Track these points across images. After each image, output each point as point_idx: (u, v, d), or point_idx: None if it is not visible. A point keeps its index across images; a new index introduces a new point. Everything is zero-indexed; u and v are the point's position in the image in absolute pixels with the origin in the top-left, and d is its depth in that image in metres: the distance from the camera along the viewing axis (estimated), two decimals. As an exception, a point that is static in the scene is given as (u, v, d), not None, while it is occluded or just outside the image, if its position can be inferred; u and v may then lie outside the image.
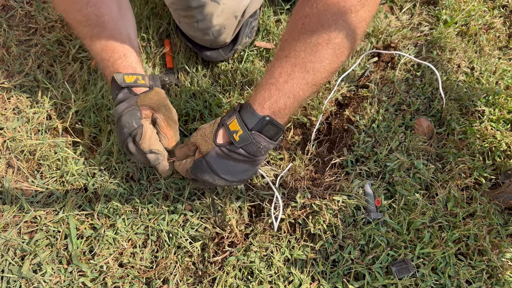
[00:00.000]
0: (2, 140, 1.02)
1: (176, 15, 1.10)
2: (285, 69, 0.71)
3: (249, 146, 0.74)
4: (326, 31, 0.67)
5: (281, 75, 0.71)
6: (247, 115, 0.73)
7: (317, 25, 0.67)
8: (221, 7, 1.03)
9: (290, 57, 0.70)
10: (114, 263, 0.87)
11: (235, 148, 0.74)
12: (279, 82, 0.71)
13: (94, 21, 0.82)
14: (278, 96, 0.72)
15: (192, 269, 0.89)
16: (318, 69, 0.70)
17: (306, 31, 0.68)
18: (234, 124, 0.74)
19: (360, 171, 1.00)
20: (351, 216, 0.92)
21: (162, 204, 0.94)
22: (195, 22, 1.06)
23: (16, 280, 0.84)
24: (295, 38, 0.70)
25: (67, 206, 0.92)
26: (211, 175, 0.77)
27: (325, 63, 0.70)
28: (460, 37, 1.35)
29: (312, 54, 0.69)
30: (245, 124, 0.73)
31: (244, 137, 0.73)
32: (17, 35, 1.24)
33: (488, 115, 1.15)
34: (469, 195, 1.02)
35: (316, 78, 0.71)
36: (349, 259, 0.87)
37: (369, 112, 1.10)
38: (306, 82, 0.71)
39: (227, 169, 0.76)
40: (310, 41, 0.68)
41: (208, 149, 0.76)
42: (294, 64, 0.70)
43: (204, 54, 1.17)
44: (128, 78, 0.84)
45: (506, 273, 0.90)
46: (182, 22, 1.11)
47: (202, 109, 1.09)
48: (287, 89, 0.71)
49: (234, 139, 0.73)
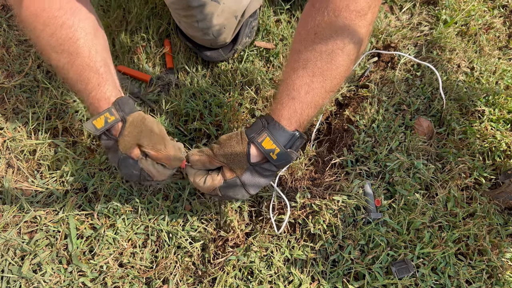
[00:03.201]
0: (2, 140, 1.02)
1: (176, 15, 1.10)
2: (305, 80, 0.71)
3: (283, 162, 0.74)
4: (340, 38, 0.68)
5: (301, 87, 0.71)
6: (278, 132, 0.73)
7: (331, 33, 0.68)
8: (221, 7, 1.03)
9: (307, 68, 0.71)
10: (114, 263, 0.87)
11: (270, 165, 0.74)
12: (301, 94, 0.71)
13: (68, 47, 0.75)
14: (302, 109, 0.72)
15: (192, 269, 0.89)
16: (335, 76, 0.71)
17: (320, 40, 0.69)
18: (267, 142, 0.73)
19: (360, 171, 1.00)
20: (351, 216, 0.92)
21: (162, 204, 0.94)
22: (195, 21, 1.06)
23: (16, 280, 0.84)
24: (309, 49, 0.70)
25: (67, 206, 0.92)
26: (243, 193, 0.77)
27: (341, 69, 0.71)
28: (460, 37, 1.35)
29: (329, 62, 0.70)
30: (277, 141, 0.72)
31: (283, 155, 0.73)
32: (17, 35, 1.24)
33: (488, 115, 1.15)
34: (469, 195, 1.02)
35: (334, 84, 0.72)
36: (349, 259, 0.87)
37: (369, 112, 1.10)
38: (325, 90, 0.72)
39: (257, 185, 0.76)
40: (325, 49, 0.69)
41: (242, 169, 0.75)
42: (313, 74, 0.70)
43: (204, 54, 1.17)
44: (98, 123, 0.77)
45: (506, 273, 0.90)
46: (182, 22, 1.11)
47: (202, 109, 1.09)
48: (309, 100, 0.72)
49: (271, 158, 0.73)
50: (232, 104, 1.09)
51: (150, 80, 1.18)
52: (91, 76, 0.77)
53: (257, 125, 0.75)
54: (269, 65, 1.24)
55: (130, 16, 1.28)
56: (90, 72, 0.77)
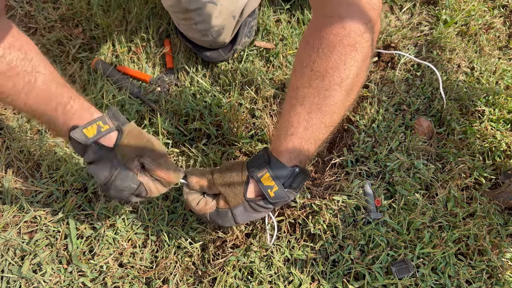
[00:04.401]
0: (2, 140, 1.02)
1: (175, 17, 1.11)
2: (303, 117, 0.71)
3: (280, 201, 0.74)
4: (336, 73, 0.67)
5: (299, 124, 0.72)
6: (278, 168, 0.73)
7: (327, 68, 0.68)
8: (219, 8, 1.03)
9: (305, 105, 0.71)
10: (114, 263, 0.87)
11: (266, 203, 0.74)
12: (299, 131, 0.72)
13: (23, 69, 0.67)
14: (301, 144, 0.72)
15: (192, 269, 0.89)
16: (334, 110, 0.71)
17: (316, 77, 0.69)
18: (266, 178, 0.73)
19: (360, 171, 1.00)
20: (351, 216, 0.92)
21: (162, 204, 0.94)
22: (193, 24, 1.06)
23: (16, 280, 0.84)
24: (306, 85, 0.70)
25: (67, 206, 0.92)
26: (231, 222, 0.76)
27: (339, 104, 0.71)
28: (460, 37, 1.35)
29: (326, 98, 0.69)
30: (278, 178, 0.72)
31: (280, 194, 0.72)
32: (17, 35, 1.24)
33: (488, 115, 1.15)
34: (469, 195, 1.02)
35: (333, 119, 0.73)
36: (349, 259, 0.87)
37: (369, 112, 1.10)
38: (325, 125, 0.72)
39: (248, 219, 0.77)
40: (322, 85, 0.69)
41: (237, 203, 0.75)
42: (310, 110, 0.71)
43: (204, 55, 1.17)
44: (89, 131, 0.70)
45: (506, 273, 0.90)
46: (181, 24, 1.12)
47: (202, 109, 1.09)
48: (308, 136, 0.72)
49: (268, 195, 0.73)
50: (232, 104, 1.09)
51: (150, 80, 1.18)
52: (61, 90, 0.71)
53: (259, 159, 0.75)
54: (269, 65, 1.24)
55: (130, 16, 1.28)
56: (58, 87, 0.71)
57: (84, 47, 1.26)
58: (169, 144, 1.04)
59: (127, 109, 1.10)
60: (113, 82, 1.16)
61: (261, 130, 1.07)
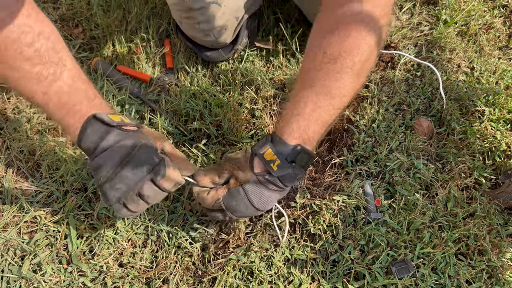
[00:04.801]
0: (2, 140, 1.02)
1: (177, 16, 1.10)
2: (311, 98, 0.72)
3: (286, 175, 0.73)
4: (349, 57, 0.68)
5: (306, 105, 0.72)
6: (280, 145, 0.73)
7: (340, 52, 0.68)
8: (223, 9, 1.03)
9: (314, 86, 0.71)
10: (114, 263, 0.87)
11: (272, 177, 0.74)
12: (306, 112, 0.72)
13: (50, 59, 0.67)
14: (307, 125, 0.73)
15: (192, 269, 0.89)
16: (344, 93, 0.72)
17: (329, 60, 0.69)
18: (269, 153, 0.73)
19: (360, 171, 1.00)
20: (351, 216, 0.92)
21: (162, 204, 0.94)
22: (196, 23, 1.06)
23: (16, 280, 0.84)
24: (317, 68, 0.70)
25: (67, 206, 0.92)
26: (246, 203, 0.75)
27: (349, 87, 0.71)
28: (460, 37, 1.35)
29: (337, 80, 0.70)
30: (280, 153, 0.73)
31: (283, 166, 0.72)
32: (17, 35, 1.24)
33: (488, 115, 1.15)
34: (469, 195, 1.02)
35: (342, 101, 0.73)
36: (349, 259, 0.87)
37: (369, 112, 1.10)
38: (333, 107, 0.73)
39: (261, 199, 0.75)
40: (333, 68, 0.69)
41: (247, 177, 0.75)
42: (319, 92, 0.71)
43: (204, 55, 1.17)
44: (115, 117, 0.71)
45: (506, 273, 0.90)
46: (183, 23, 1.11)
47: (202, 109, 1.09)
48: (314, 117, 0.72)
49: (271, 169, 0.73)
50: (232, 104, 1.09)
51: (150, 80, 1.18)
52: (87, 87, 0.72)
53: (262, 141, 0.77)
54: (269, 65, 1.24)
55: (130, 16, 1.28)
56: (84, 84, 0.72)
57: (84, 47, 1.27)
58: (169, 144, 1.04)
59: (127, 109, 1.10)
60: (113, 82, 1.16)
61: (261, 130, 1.07)
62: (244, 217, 0.79)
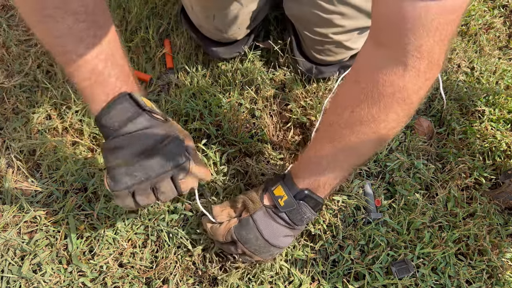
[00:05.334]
0: (2, 140, 1.02)
1: (189, 1, 1.03)
2: (330, 153, 0.72)
3: (293, 212, 0.76)
4: (376, 123, 0.65)
5: (323, 158, 0.73)
6: (290, 185, 0.77)
7: (368, 115, 0.65)
8: (242, 8, 1.01)
9: (335, 143, 0.71)
10: (114, 263, 0.87)
11: (279, 211, 0.77)
12: (322, 164, 0.74)
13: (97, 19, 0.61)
14: (320, 176, 0.74)
15: (192, 269, 0.89)
16: (363, 153, 0.73)
17: (355, 121, 0.67)
18: (278, 190, 0.77)
19: (360, 171, 1.00)
20: (351, 216, 0.92)
21: (162, 204, 0.94)
22: (211, 15, 1.01)
23: (16, 280, 0.84)
24: (341, 126, 0.69)
25: (66, 206, 0.92)
26: (256, 233, 0.77)
27: (369, 148, 0.72)
28: (460, 37, 1.35)
29: (359, 143, 0.69)
30: (289, 191, 0.76)
31: (289, 203, 0.76)
32: (17, 35, 1.24)
33: (488, 115, 1.15)
34: (469, 195, 1.02)
35: (360, 160, 0.75)
36: (349, 259, 0.87)
37: (369, 112, 1.10)
38: (349, 164, 0.74)
39: (270, 230, 0.78)
40: (358, 130, 0.67)
41: (256, 208, 0.78)
42: (339, 149, 0.71)
43: (210, 49, 1.13)
44: (147, 102, 0.67)
45: (506, 273, 0.90)
46: (195, 11, 1.03)
47: (202, 109, 1.09)
48: (329, 170, 0.74)
49: (279, 204, 0.76)
50: (232, 104, 1.09)
51: (150, 80, 1.18)
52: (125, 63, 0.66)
53: (276, 178, 0.81)
54: (270, 65, 1.24)
55: (130, 16, 1.28)
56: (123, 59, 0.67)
57: (84, 47, 1.26)
58: (169, 144, 1.04)
59: (127, 109, 1.09)
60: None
61: (261, 130, 1.07)
62: (257, 252, 0.80)
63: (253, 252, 0.79)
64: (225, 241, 0.80)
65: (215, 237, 0.82)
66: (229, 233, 0.79)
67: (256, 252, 0.79)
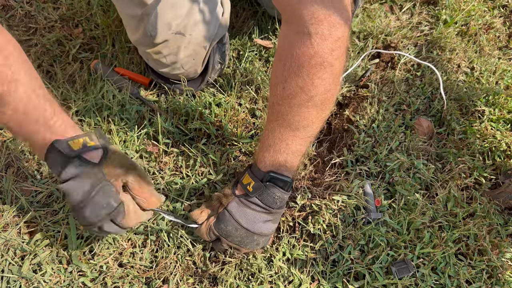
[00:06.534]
0: (2, 140, 1.02)
1: (143, 53, 1.07)
2: (277, 132, 0.76)
3: (263, 195, 0.79)
4: (305, 91, 0.70)
5: (274, 137, 0.77)
6: (255, 171, 0.80)
7: (296, 87, 0.70)
8: (188, 39, 1.00)
9: (278, 120, 0.75)
10: (113, 263, 0.87)
11: (250, 197, 0.80)
12: (276, 143, 0.77)
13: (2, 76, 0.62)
14: (277, 155, 0.78)
15: (192, 268, 0.89)
16: (306, 124, 0.75)
17: (287, 95, 0.72)
18: (246, 178, 0.81)
19: (360, 171, 1.00)
20: (351, 216, 0.92)
21: (162, 204, 0.94)
22: (162, 57, 1.03)
23: (16, 280, 0.84)
24: (279, 103, 0.74)
25: (66, 206, 0.92)
26: (234, 224, 0.80)
27: (312, 118, 0.74)
28: (460, 37, 1.35)
29: (297, 114, 0.73)
30: (256, 177, 0.80)
31: (257, 187, 0.79)
32: (17, 35, 1.24)
33: (488, 115, 1.15)
34: (469, 195, 1.02)
35: (307, 132, 0.76)
36: (349, 259, 0.87)
37: (369, 112, 1.10)
38: (299, 137, 0.76)
39: (247, 218, 0.80)
40: (292, 103, 0.72)
41: (229, 200, 0.82)
42: (282, 125, 0.75)
43: (177, 87, 1.14)
44: (75, 144, 0.68)
45: (506, 273, 0.90)
46: (150, 60, 1.08)
47: (202, 109, 1.09)
48: (283, 147, 0.77)
49: (248, 190, 0.79)
50: (232, 104, 1.09)
51: (150, 83, 1.18)
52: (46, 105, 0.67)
53: (244, 169, 0.85)
54: (269, 65, 1.24)
55: (130, 16, 1.28)
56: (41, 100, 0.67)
57: (84, 47, 1.27)
58: (169, 143, 1.04)
59: (127, 109, 1.10)
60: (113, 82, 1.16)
61: (261, 130, 1.07)
62: (242, 244, 0.82)
63: (238, 244, 0.82)
64: (210, 239, 0.84)
65: (204, 239, 0.86)
66: (210, 230, 0.83)
67: (241, 243, 0.82)
